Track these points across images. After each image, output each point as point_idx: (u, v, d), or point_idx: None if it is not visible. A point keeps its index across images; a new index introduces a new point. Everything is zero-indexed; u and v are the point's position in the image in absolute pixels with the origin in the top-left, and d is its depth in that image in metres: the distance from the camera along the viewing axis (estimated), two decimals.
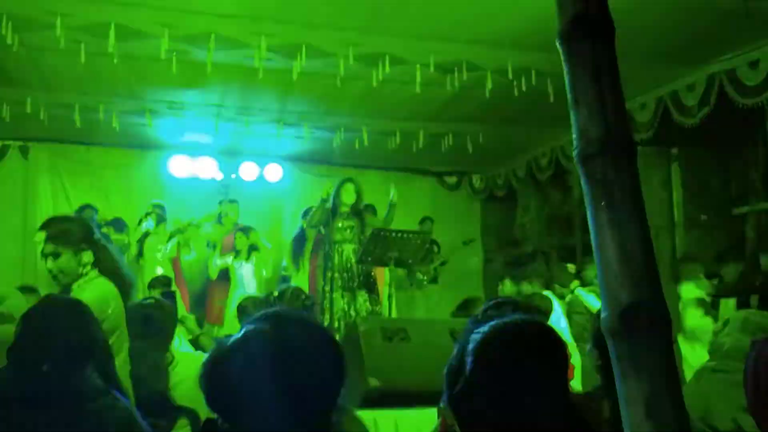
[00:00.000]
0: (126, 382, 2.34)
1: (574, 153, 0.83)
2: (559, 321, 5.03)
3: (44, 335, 1.82)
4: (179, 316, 3.90)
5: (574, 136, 0.83)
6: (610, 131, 0.80)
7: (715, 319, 4.35)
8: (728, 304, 4.83)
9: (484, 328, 1.26)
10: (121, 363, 2.38)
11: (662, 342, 0.75)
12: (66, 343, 1.81)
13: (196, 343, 4.31)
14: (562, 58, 0.85)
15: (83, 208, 7.09)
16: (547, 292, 5.36)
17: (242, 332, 1.12)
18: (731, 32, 4.49)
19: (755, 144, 5.90)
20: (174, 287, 6.18)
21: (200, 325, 5.57)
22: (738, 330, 2.52)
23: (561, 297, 5.66)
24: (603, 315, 0.77)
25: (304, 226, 7.08)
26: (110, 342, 2.22)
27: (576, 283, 5.58)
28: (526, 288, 5.24)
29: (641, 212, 0.78)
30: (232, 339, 1.12)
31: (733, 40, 4.66)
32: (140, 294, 5.30)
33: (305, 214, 7.16)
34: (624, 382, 0.74)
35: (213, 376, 1.10)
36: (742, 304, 4.45)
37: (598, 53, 0.82)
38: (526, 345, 1.22)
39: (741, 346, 2.49)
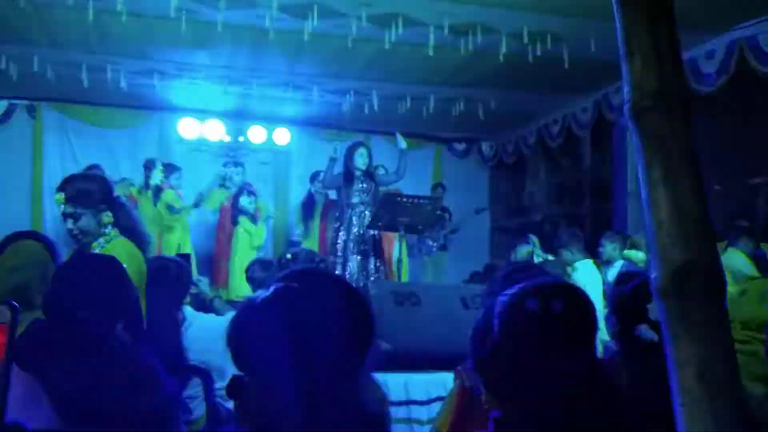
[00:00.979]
0: None
1: (626, 107, 0.79)
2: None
3: (80, 289, 1.83)
4: (195, 278, 3.90)
5: (625, 88, 0.79)
6: (666, 83, 0.76)
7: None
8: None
9: (512, 290, 1.24)
10: None
11: (716, 303, 0.72)
12: (100, 297, 1.83)
13: (208, 307, 4.32)
14: (614, 5, 0.81)
15: (90, 167, 7.06)
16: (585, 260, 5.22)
17: (271, 290, 1.10)
18: None
19: None
20: (189, 250, 6.19)
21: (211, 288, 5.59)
22: (756, 300, 2.51)
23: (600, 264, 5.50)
24: (654, 275, 0.74)
25: (313, 190, 7.07)
26: None
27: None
28: (566, 255, 5.15)
29: (697, 169, 0.75)
30: (260, 297, 1.10)
31: (755, 6, 4.54)
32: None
33: (313, 177, 7.14)
34: (675, 343, 0.71)
35: (241, 334, 1.09)
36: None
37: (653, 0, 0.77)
38: (555, 306, 1.20)
39: (758, 317, 2.48)
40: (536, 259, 5.67)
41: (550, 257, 5.67)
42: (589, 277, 5.01)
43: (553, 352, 1.13)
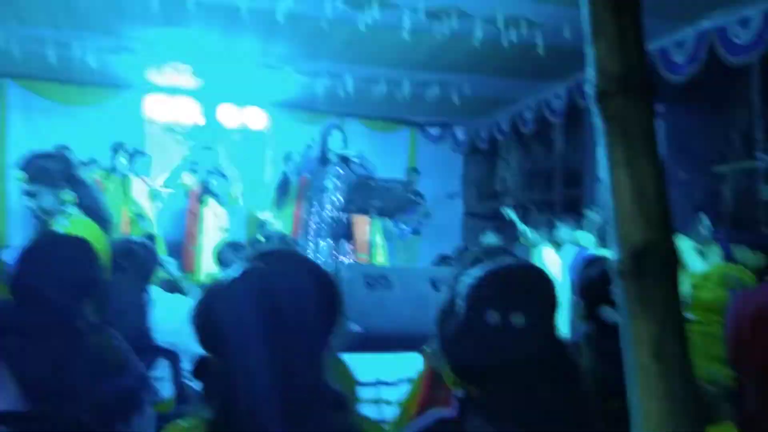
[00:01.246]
0: None
1: (590, 89, 0.80)
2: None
3: (47, 268, 1.80)
4: (161, 259, 3.86)
5: (589, 71, 0.80)
6: (629, 68, 0.77)
7: None
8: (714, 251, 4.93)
9: (476, 272, 1.26)
10: None
11: (671, 283, 0.74)
12: (68, 277, 1.80)
13: (175, 288, 4.29)
14: None
15: (58, 147, 6.91)
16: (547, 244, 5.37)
17: (239, 270, 1.09)
18: None
19: (739, 104, 5.92)
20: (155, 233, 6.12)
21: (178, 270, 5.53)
22: (717, 285, 2.58)
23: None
24: (613, 256, 0.76)
25: (287, 171, 7.03)
26: None
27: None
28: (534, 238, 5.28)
29: (656, 152, 0.76)
30: (228, 277, 1.10)
31: None
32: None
33: (287, 159, 7.10)
34: (631, 323, 0.73)
35: (207, 314, 1.08)
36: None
37: None
38: (518, 287, 1.22)
39: (720, 300, 2.55)
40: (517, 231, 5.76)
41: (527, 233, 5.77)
42: (552, 260, 5.13)
43: (517, 330, 1.14)
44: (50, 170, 2.44)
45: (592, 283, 1.75)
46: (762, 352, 1.19)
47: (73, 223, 2.43)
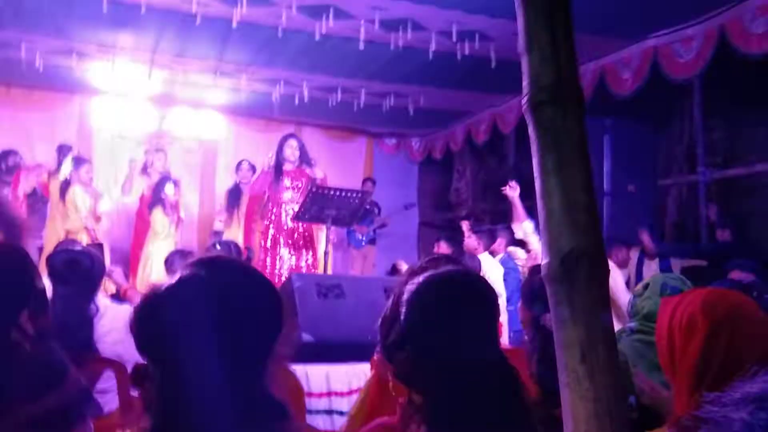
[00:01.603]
0: None
1: (524, 100, 0.83)
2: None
3: None
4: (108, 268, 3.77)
5: (524, 82, 0.82)
6: (561, 79, 0.80)
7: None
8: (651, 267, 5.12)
9: (418, 279, 1.27)
10: None
11: (600, 289, 0.77)
12: (3, 288, 1.73)
13: (121, 298, 4.19)
14: (516, 3, 0.84)
15: (5, 152, 6.70)
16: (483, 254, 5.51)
17: (177, 277, 1.08)
18: (668, 7, 4.61)
19: (682, 118, 6.15)
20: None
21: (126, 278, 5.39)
22: (657, 294, 2.65)
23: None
24: (544, 261, 0.78)
25: (238, 179, 6.97)
26: None
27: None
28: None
29: (587, 162, 0.79)
30: (166, 284, 1.08)
31: (669, 16, 4.79)
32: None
33: (238, 167, 7.04)
34: (562, 326, 0.75)
35: (145, 321, 1.07)
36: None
37: None
38: (459, 293, 1.24)
39: (659, 309, 2.62)
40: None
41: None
42: (492, 268, 5.29)
43: (458, 337, 1.16)
44: None
45: (535, 290, 1.79)
46: (690, 358, 1.23)
47: None
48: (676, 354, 1.46)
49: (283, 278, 5.23)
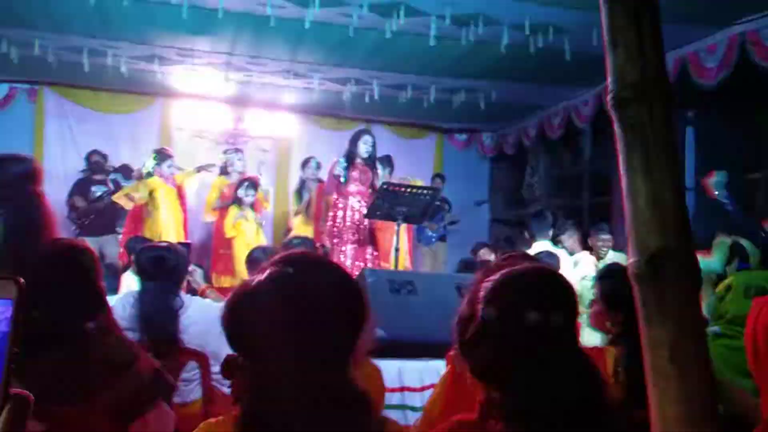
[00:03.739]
0: None
1: (609, 97, 0.81)
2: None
3: (49, 279, 1.81)
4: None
5: (609, 79, 0.81)
6: (647, 75, 0.78)
7: None
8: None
9: (495, 277, 1.27)
10: None
11: (689, 288, 0.75)
12: (64, 286, 1.81)
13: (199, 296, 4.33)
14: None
15: (91, 153, 7.09)
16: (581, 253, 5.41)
17: (266, 274, 1.13)
18: None
19: None
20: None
21: (206, 279, 5.57)
22: (741, 295, 2.53)
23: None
24: (631, 261, 0.77)
25: (304, 176, 7.09)
26: None
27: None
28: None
29: (675, 159, 0.77)
30: (256, 280, 1.13)
31: (757, 1, 4.54)
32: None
33: (305, 163, 7.17)
34: (649, 327, 0.74)
35: (236, 315, 1.12)
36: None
37: None
38: (537, 291, 1.23)
39: (744, 312, 2.49)
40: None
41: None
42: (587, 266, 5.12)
43: (535, 335, 1.15)
44: None
45: (615, 290, 1.75)
46: None
47: None
48: (761, 356, 1.39)
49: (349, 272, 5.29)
